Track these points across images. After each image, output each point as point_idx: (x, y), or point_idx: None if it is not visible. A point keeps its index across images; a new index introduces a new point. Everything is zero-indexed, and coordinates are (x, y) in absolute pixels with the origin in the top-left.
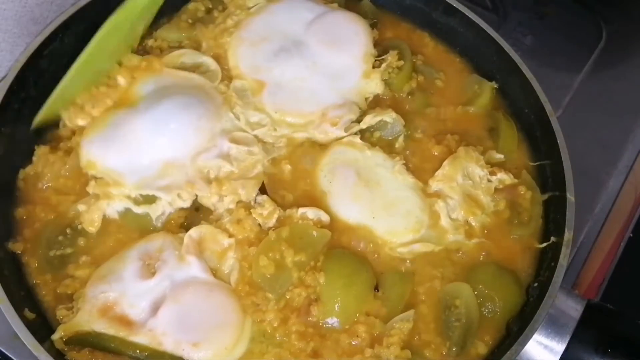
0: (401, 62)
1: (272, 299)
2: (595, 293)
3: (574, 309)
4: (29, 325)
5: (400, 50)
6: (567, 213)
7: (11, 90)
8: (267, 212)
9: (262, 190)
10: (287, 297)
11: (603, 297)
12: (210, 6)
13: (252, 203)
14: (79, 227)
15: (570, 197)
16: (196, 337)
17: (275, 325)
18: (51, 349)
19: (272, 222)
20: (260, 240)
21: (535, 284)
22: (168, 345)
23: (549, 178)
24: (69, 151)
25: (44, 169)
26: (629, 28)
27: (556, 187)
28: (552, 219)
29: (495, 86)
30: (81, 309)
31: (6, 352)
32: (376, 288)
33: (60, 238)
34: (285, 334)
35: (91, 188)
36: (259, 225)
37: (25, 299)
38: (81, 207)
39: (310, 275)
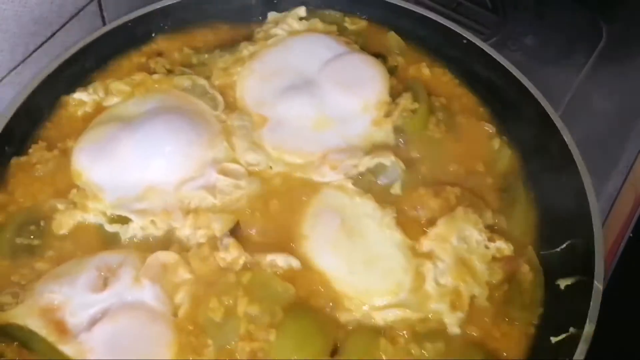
0: (415, 105)
1: (211, 346)
2: None
3: None
4: None
5: (415, 92)
6: (591, 303)
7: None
8: (231, 258)
9: (237, 230)
10: (229, 347)
11: (603, 297)
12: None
13: (219, 244)
14: (53, 223)
15: (598, 285)
16: None
17: None
18: None
19: (236, 267)
20: (220, 281)
21: None
22: None
23: (571, 261)
24: (65, 152)
25: (36, 164)
26: (629, 28)
27: (583, 271)
28: (569, 307)
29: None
30: (24, 301)
31: None
32: (334, 352)
33: (32, 228)
34: None
35: (72, 195)
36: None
37: None
38: (59, 205)
39: (262, 330)
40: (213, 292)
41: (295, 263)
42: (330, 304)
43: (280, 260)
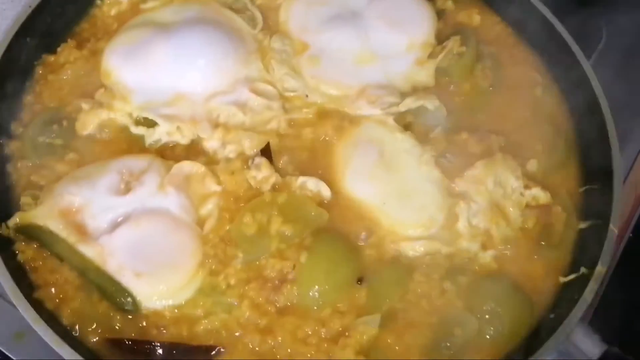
0: (463, 49)
1: (241, 259)
2: None
3: (590, 352)
4: None
5: (464, 37)
6: (605, 245)
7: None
8: (262, 176)
9: (268, 151)
10: (258, 263)
11: (602, 298)
12: None
13: (250, 162)
14: (76, 123)
15: (613, 228)
16: (142, 268)
17: (231, 282)
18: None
19: (266, 187)
20: (249, 197)
21: (552, 315)
22: (111, 265)
23: (593, 205)
24: (95, 52)
25: (65, 62)
26: (629, 28)
27: (600, 215)
28: (587, 249)
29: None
30: (44, 202)
31: (6, 352)
32: (360, 280)
33: (55, 127)
34: (238, 297)
35: (98, 95)
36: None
37: None
38: (84, 105)
39: (293, 251)
40: (246, 208)
41: (325, 189)
42: (362, 233)
43: (311, 184)
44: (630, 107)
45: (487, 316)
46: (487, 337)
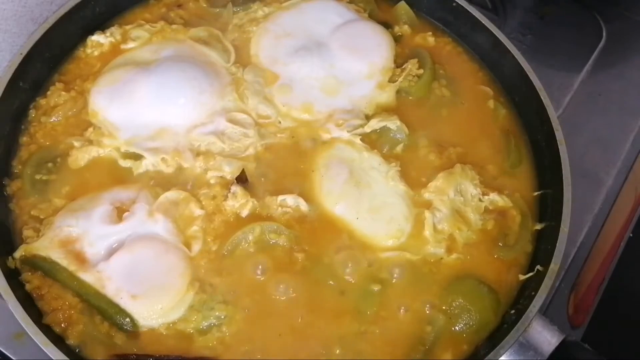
0: (421, 71)
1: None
2: (595, 293)
3: (547, 342)
4: None
5: (421, 59)
6: (557, 244)
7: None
8: (239, 204)
9: (243, 177)
10: None
11: (602, 298)
12: None
13: (227, 193)
14: (69, 159)
15: (564, 229)
16: (137, 290)
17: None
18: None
19: (245, 212)
20: (230, 218)
21: (512, 311)
22: (109, 289)
23: (548, 207)
24: (81, 92)
25: (55, 104)
26: (629, 28)
27: (553, 217)
28: (543, 249)
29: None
30: (45, 234)
31: (6, 352)
32: None
33: (49, 165)
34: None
35: (88, 133)
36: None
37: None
38: (75, 143)
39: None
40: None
41: (303, 204)
42: (338, 244)
43: (290, 200)
44: (630, 107)
45: (456, 311)
46: (459, 331)
